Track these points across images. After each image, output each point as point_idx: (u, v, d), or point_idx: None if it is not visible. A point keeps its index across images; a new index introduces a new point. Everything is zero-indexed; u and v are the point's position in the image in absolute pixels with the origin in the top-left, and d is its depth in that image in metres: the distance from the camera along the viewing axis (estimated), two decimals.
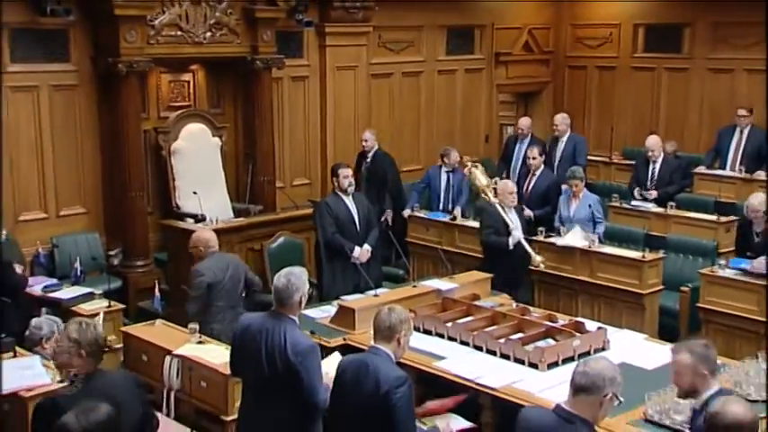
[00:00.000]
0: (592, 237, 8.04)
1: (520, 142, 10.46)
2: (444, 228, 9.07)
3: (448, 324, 6.16)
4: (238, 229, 8.62)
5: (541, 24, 12.82)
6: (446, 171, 9.59)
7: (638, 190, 9.59)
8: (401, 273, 8.71)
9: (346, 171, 7.83)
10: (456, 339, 6.00)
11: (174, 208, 8.88)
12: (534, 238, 8.09)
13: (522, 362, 5.57)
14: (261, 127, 9.48)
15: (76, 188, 8.62)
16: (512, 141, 10.80)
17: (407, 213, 9.46)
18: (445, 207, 9.46)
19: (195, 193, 8.55)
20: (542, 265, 7.79)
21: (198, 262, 6.57)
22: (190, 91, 9.32)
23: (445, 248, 8.59)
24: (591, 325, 6.15)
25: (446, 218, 9.14)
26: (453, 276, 7.27)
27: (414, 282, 7.47)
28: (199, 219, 8.46)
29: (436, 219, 9.22)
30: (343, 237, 7.63)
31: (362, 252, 7.61)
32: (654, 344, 6.10)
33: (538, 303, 7.77)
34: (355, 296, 6.89)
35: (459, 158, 9.69)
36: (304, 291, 4.53)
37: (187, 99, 9.29)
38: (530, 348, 5.64)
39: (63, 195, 8.53)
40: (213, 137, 9.22)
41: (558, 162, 10.14)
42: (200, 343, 5.76)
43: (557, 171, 9.95)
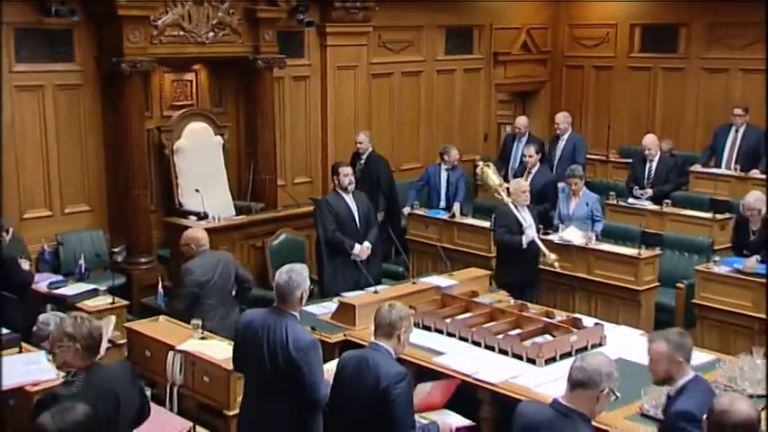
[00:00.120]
0: (589, 234, 8.06)
1: (517, 141, 10.51)
2: (443, 225, 9.07)
3: (447, 320, 6.17)
4: (240, 227, 8.67)
5: (539, 24, 12.82)
6: (445, 169, 9.62)
7: (636, 189, 9.62)
8: (401, 270, 8.75)
9: (347, 170, 7.85)
10: (455, 335, 6.01)
11: (177, 206, 8.88)
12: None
13: (521, 357, 5.59)
14: (262, 126, 9.47)
15: (81, 186, 8.60)
16: (509, 140, 10.85)
17: (407, 211, 9.47)
18: (445, 204, 9.49)
19: (198, 191, 8.57)
20: (556, 264, 7.61)
21: (189, 260, 6.56)
22: (192, 90, 9.30)
23: (444, 245, 8.59)
24: (588, 321, 6.17)
25: (445, 215, 9.14)
26: (452, 273, 7.27)
27: (413, 278, 7.52)
28: (201, 216, 8.50)
29: (435, 216, 9.22)
30: (343, 234, 7.64)
31: (362, 249, 7.64)
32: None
33: (536, 300, 7.70)
34: (355, 293, 6.90)
35: (458, 156, 9.74)
36: (305, 287, 4.55)
37: (190, 98, 9.28)
38: (528, 344, 5.66)
39: (68, 193, 8.52)
40: (215, 135, 9.22)
41: (558, 160, 10.19)
42: (202, 339, 5.76)
43: (556, 169, 10.00)
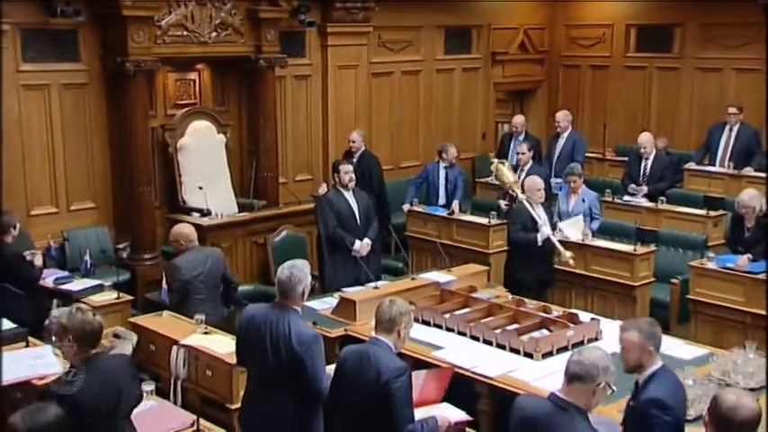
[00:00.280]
0: (586, 231, 8.10)
1: (514, 139, 10.55)
2: (442, 222, 9.09)
3: (446, 315, 6.21)
4: (243, 224, 8.75)
5: (536, 25, 12.87)
6: (443, 167, 9.65)
7: (631, 186, 9.67)
8: (400, 266, 8.78)
9: (347, 167, 7.89)
10: (454, 330, 6.06)
11: (181, 203, 8.94)
12: None
13: (518, 352, 5.63)
14: (264, 124, 9.52)
15: (86, 184, 8.67)
16: (507, 138, 10.90)
17: (407, 208, 9.48)
18: (443, 202, 9.52)
19: (201, 189, 8.64)
20: (571, 261, 7.62)
21: (178, 255, 6.64)
22: (195, 89, 9.35)
23: (443, 242, 8.57)
24: (584, 316, 6.21)
25: (444, 212, 9.18)
26: (451, 269, 7.29)
27: (413, 274, 7.54)
28: (204, 213, 8.56)
29: (434, 213, 9.24)
30: (344, 231, 7.69)
31: (363, 245, 7.69)
32: None
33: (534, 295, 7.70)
34: (356, 288, 6.92)
35: (455, 154, 9.78)
36: (307, 283, 4.58)
37: (193, 97, 9.33)
38: (525, 339, 5.71)
39: (73, 191, 8.58)
40: (218, 134, 9.27)
41: (557, 158, 10.26)
42: (205, 333, 5.81)
43: (555, 167, 10.08)
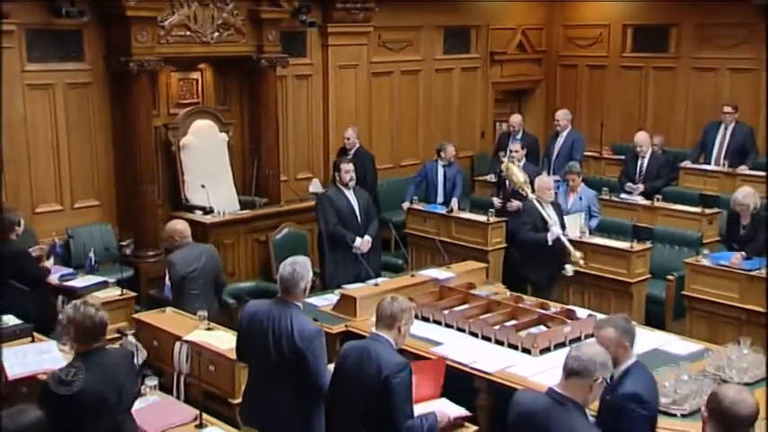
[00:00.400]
0: (584, 228, 8.15)
1: (512, 138, 10.50)
2: (441, 219, 9.14)
3: (445, 311, 6.26)
4: (244, 221, 8.81)
5: (534, 25, 12.93)
6: (442, 165, 9.70)
7: (628, 185, 9.74)
8: (400, 263, 8.82)
9: (348, 166, 7.91)
10: (453, 326, 6.11)
11: (184, 201, 8.99)
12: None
13: (516, 347, 5.68)
14: (266, 123, 9.57)
15: (90, 182, 8.73)
16: (504, 137, 10.90)
17: (406, 206, 9.52)
18: (442, 200, 9.57)
19: (203, 187, 8.69)
20: (581, 261, 7.56)
21: (173, 251, 6.70)
22: (198, 89, 9.40)
23: (442, 239, 8.63)
24: (581, 312, 6.27)
25: (443, 210, 9.24)
26: (450, 266, 7.34)
27: (412, 271, 7.59)
28: (207, 211, 8.61)
29: (434, 211, 9.30)
30: (344, 228, 7.76)
31: (363, 243, 7.73)
32: (641, 330, 5.79)
33: (531, 292, 7.70)
34: (356, 285, 6.97)
35: (454, 153, 9.85)
36: (308, 279, 4.62)
37: (195, 96, 9.38)
38: (523, 335, 5.76)
39: (78, 189, 8.65)
40: (220, 132, 9.31)
41: (556, 157, 10.32)
42: (208, 329, 5.86)
43: (554, 165, 10.15)
